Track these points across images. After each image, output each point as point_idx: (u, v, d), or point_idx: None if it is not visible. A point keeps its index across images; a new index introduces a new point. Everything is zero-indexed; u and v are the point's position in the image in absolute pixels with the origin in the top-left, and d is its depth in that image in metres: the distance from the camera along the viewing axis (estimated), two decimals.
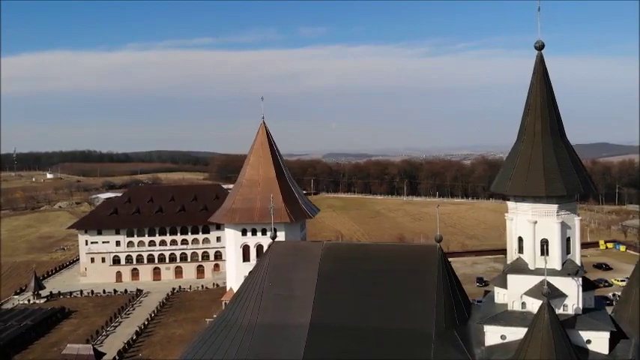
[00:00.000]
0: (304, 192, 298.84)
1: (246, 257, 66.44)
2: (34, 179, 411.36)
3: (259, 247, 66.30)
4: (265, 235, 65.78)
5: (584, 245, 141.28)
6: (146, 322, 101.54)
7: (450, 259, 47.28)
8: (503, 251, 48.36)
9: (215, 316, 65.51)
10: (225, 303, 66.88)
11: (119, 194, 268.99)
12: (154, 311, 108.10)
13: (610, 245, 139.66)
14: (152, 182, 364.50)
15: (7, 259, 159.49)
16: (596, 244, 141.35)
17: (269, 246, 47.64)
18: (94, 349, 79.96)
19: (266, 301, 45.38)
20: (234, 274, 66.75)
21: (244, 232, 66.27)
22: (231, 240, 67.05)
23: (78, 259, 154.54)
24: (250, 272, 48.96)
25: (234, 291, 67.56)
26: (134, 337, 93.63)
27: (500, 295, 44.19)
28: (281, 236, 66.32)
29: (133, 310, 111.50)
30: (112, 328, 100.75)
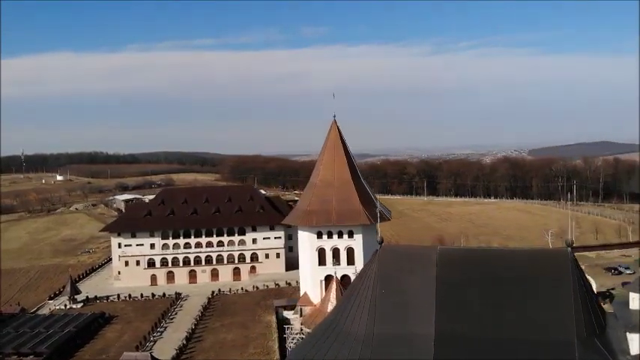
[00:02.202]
0: None
1: (322, 261, 63.42)
2: (43, 181, 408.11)
3: (335, 251, 63.29)
4: (342, 237, 62.86)
5: (629, 245, 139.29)
6: (193, 327, 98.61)
7: None
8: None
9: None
10: (302, 308, 63.92)
11: (139, 196, 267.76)
12: (198, 316, 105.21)
13: None
14: (165, 183, 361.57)
15: (35, 262, 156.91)
16: (637, 244, 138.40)
17: (377, 250, 44.47)
18: (152, 357, 76.95)
19: (381, 310, 42.14)
20: (310, 278, 63.78)
21: (319, 235, 63.26)
22: (305, 243, 64.06)
23: (107, 262, 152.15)
24: (356, 278, 45.80)
25: (309, 296, 64.88)
26: (184, 343, 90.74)
27: (635, 301, 41.23)
28: (358, 239, 63.56)
29: (175, 314, 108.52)
30: (159, 333, 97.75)
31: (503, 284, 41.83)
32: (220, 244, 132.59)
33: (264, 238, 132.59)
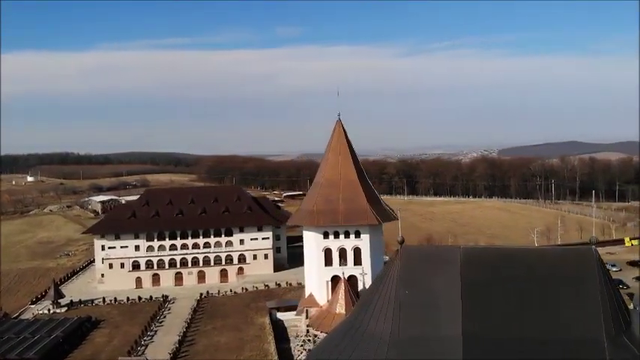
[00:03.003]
0: (299, 192, 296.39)
1: (328, 261, 62.34)
2: (14, 182, 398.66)
3: (342, 251, 62.30)
4: (348, 237, 61.91)
5: (610, 243, 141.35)
6: (184, 330, 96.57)
7: None
8: None
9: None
10: (307, 310, 62.80)
11: (115, 197, 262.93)
12: (187, 319, 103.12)
13: (635, 242, 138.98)
14: (141, 184, 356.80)
15: (12, 265, 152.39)
16: (621, 242, 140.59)
17: (397, 250, 43.69)
18: None
19: (406, 311, 41.30)
20: (316, 279, 62.69)
21: (326, 235, 62.20)
22: (311, 243, 62.91)
23: (88, 265, 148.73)
24: (376, 278, 44.93)
25: (315, 297, 63.79)
26: (177, 347, 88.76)
27: None
28: (365, 239, 62.74)
29: (164, 317, 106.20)
30: (149, 337, 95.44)
31: (528, 283, 41.36)
32: (207, 245, 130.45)
33: (251, 239, 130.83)
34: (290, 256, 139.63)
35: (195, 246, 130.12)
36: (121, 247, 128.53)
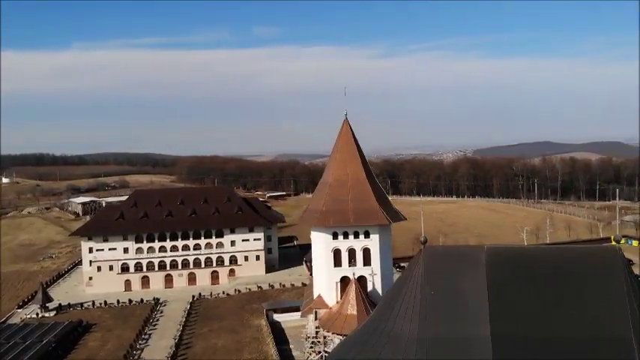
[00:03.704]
0: (283, 193, 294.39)
1: (337, 262, 61.75)
2: None
3: (351, 252, 61.77)
4: (358, 238, 61.42)
5: (597, 241, 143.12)
6: (179, 333, 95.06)
7: None
8: None
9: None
10: (317, 311, 62.15)
11: (96, 199, 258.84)
12: (181, 321, 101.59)
13: (622, 241, 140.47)
14: (120, 185, 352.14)
15: None
16: (607, 240, 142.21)
17: (420, 251, 43.32)
18: None
19: (433, 311, 40.91)
20: (325, 280, 61.93)
21: (335, 236, 61.59)
22: (320, 244, 62.15)
23: (74, 268, 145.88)
24: (399, 279, 44.51)
25: (324, 298, 63.12)
26: (174, 350, 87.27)
27: None
28: (375, 239, 62.32)
29: (157, 320, 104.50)
30: (144, 341, 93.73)
31: (554, 282, 41.27)
32: (197, 247, 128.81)
33: (243, 240, 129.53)
34: (280, 257, 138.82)
35: (186, 247, 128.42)
36: (110, 249, 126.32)
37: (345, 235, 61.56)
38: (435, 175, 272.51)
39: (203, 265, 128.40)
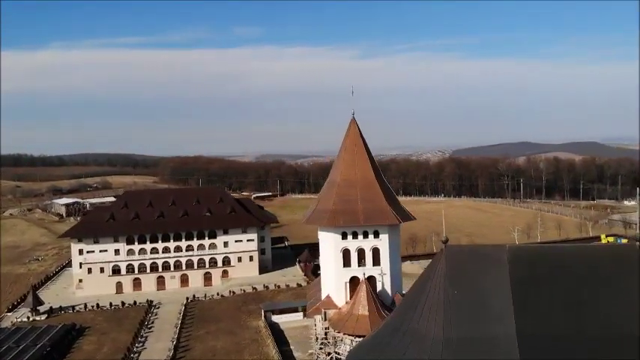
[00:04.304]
0: (269, 194, 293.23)
1: (346, 262, 61.33)
2: None
3: (360, 252, 61.39)
4: (367, 238, 61.07)
5: (587, 240, 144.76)
6: (175, 336, 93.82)
7: None
8: None
9: None
10: (326, 312, 61.67)
11: (79, 200, 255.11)
12: (177, 324, 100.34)
13: (611, 239, 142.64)
14: (102, 186, 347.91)
15: None
16: (597, 238, 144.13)
17: (441, 250, 43.15)
18: None
19: (457, 311, 40.71)
20: (334, 280, 61.44)
21: (344, 236, 61.16)
22: (329, 244, 61.63)
23: (62, 270, 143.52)
24: (420, 279, 44.22)
25: (333, 298, 62.66)
26: (173, 353, 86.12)
27: None
28: (385, 239, 62.04)
29: (152, 323, 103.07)
30: (140, 344, 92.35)
31: (577, 281, 41.37)
32: (190, 248, 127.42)
33: (236, 241, 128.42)
34: (272, 257, 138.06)
35: (178, 249, 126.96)
36: (100, 250, 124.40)
37: (355, 235, 61.19)
38: (421, 175, 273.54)
39: (196, 267, 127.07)
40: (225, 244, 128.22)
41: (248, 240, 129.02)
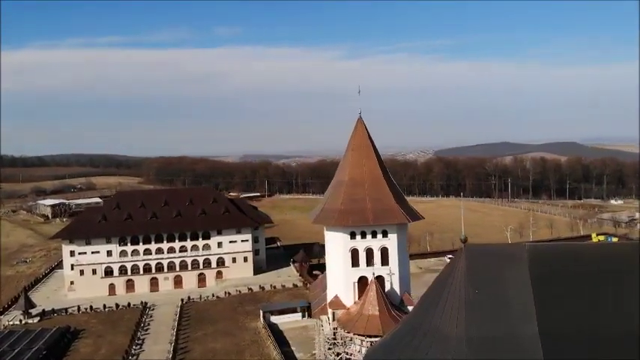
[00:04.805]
0: (257, 194, 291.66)
1: (355, 262, 61.01)
2: None
3: (369, 251, 61.10)
4: (375, 237, 60.80)
5: (578, 238, 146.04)
6: (173, 338, 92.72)
7: None
8: None
9: None
10: (335, 313, 61.31)
11: (64, 201, 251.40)
12: (173, 325, 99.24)
13: (602, 238, 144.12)
14: (86, 187, 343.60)
15: None
16: (588, 237, 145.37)
17: (461, 249, 42.99)
18: None
19: (479, 310, 40.52)
20: (343, 280, 61.07)
21: (353, 235, 60.81)
22: (338, 244, 61.22)
23: (51, 272, 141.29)
24: (439, 278, 44.00)
25: (341, 298, 62.31)
26: (172, 355, 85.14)
27: None
28: (393, 238, 61.84)
29: (148, 325, 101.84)
30: (138, 346, 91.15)
31: (598, 279, 41.32)
32: (183, 249, 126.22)
33: (230, 242, 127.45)
34: (266, 258, 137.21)
35: (171, 250, 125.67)
36: (92, 252, 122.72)
37: (363, 235, 60.90)
38: (409, 175, 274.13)
39: (189, 268, 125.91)
40: (219, 244, 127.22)
41: (242, 240, 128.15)
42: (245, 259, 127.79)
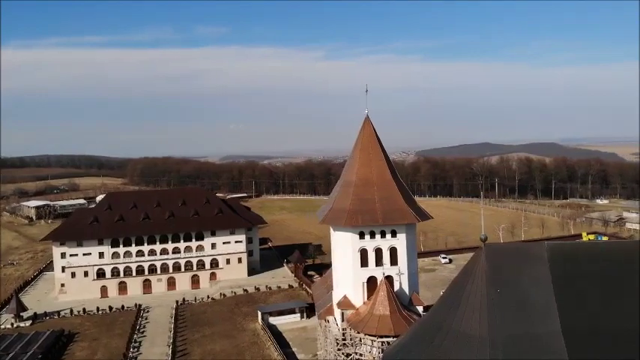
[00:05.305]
0: (245, 195, 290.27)
1: (364, 262, 60.69)
2: None
3: (378, 251, 60.81)
4: (384, 237, 60.54)
5: (569, 237, 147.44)
6: (171, 340, 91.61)
7: None
8: None
9: None
10: (344, 313, 60.93)
11: (49, 202, 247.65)
12: (170, 328, 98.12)
13: (592, 237, 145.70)
14: (70, 188, 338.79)
15: None
16: (579, 236, 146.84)
17: (481, 248, 42.88)
18: None
19: (501, 310, 40.42)
20: (352, 280, 60.65)
21: (361, 235, 60.49)
22: (346, 244, 60.81)
23: (40, 274, 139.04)
24: (459, 277, 43.83)
25: (350, 299, 61.88)
26: (171, 357, 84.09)
27: None
28: (402, 238, 61.63)
29: (144, 327, 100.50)
30: (135, 349, 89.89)
31: (618, 277, 41.54)
32: (176, 250, 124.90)
33: (224, 243, 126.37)
34: (260, 258, 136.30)
35: (164, 251, 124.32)
36: (84, 254, 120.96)
37: (372, 235, 60.60)
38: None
39: (183, 269, 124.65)
40: (213, 245, 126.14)
41: (236, 241, 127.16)
42: (239, 260, 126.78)
